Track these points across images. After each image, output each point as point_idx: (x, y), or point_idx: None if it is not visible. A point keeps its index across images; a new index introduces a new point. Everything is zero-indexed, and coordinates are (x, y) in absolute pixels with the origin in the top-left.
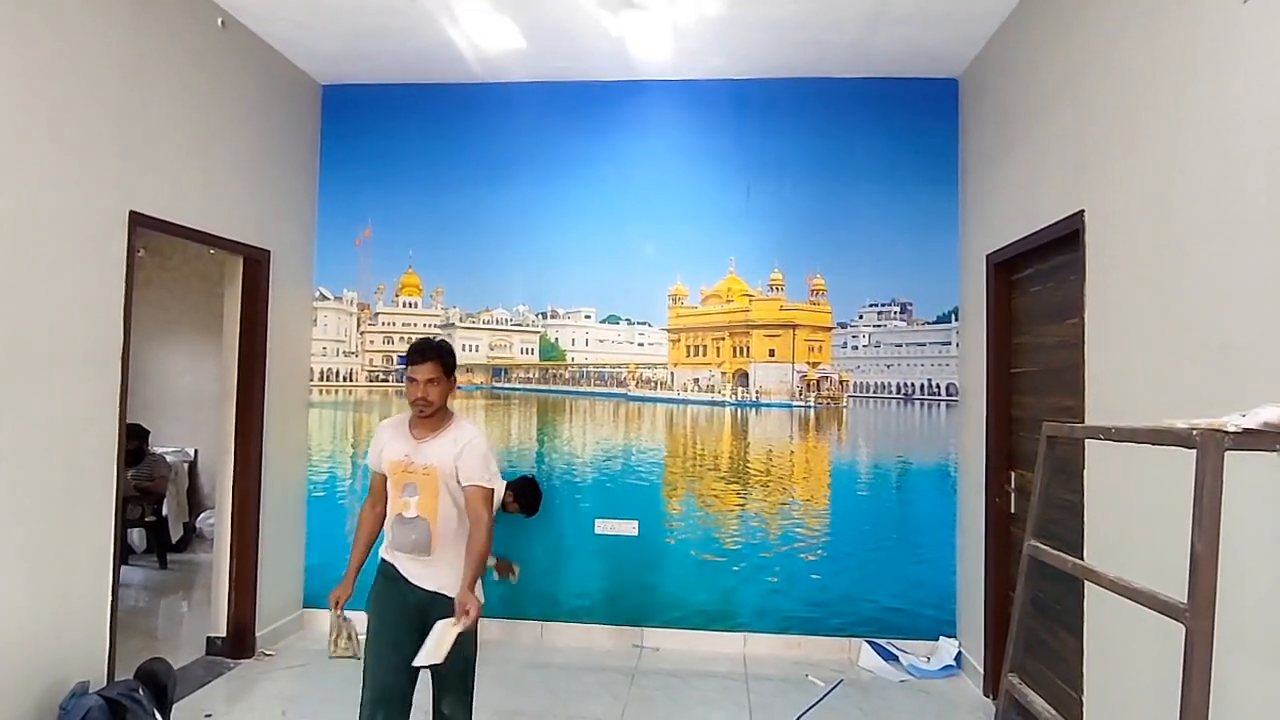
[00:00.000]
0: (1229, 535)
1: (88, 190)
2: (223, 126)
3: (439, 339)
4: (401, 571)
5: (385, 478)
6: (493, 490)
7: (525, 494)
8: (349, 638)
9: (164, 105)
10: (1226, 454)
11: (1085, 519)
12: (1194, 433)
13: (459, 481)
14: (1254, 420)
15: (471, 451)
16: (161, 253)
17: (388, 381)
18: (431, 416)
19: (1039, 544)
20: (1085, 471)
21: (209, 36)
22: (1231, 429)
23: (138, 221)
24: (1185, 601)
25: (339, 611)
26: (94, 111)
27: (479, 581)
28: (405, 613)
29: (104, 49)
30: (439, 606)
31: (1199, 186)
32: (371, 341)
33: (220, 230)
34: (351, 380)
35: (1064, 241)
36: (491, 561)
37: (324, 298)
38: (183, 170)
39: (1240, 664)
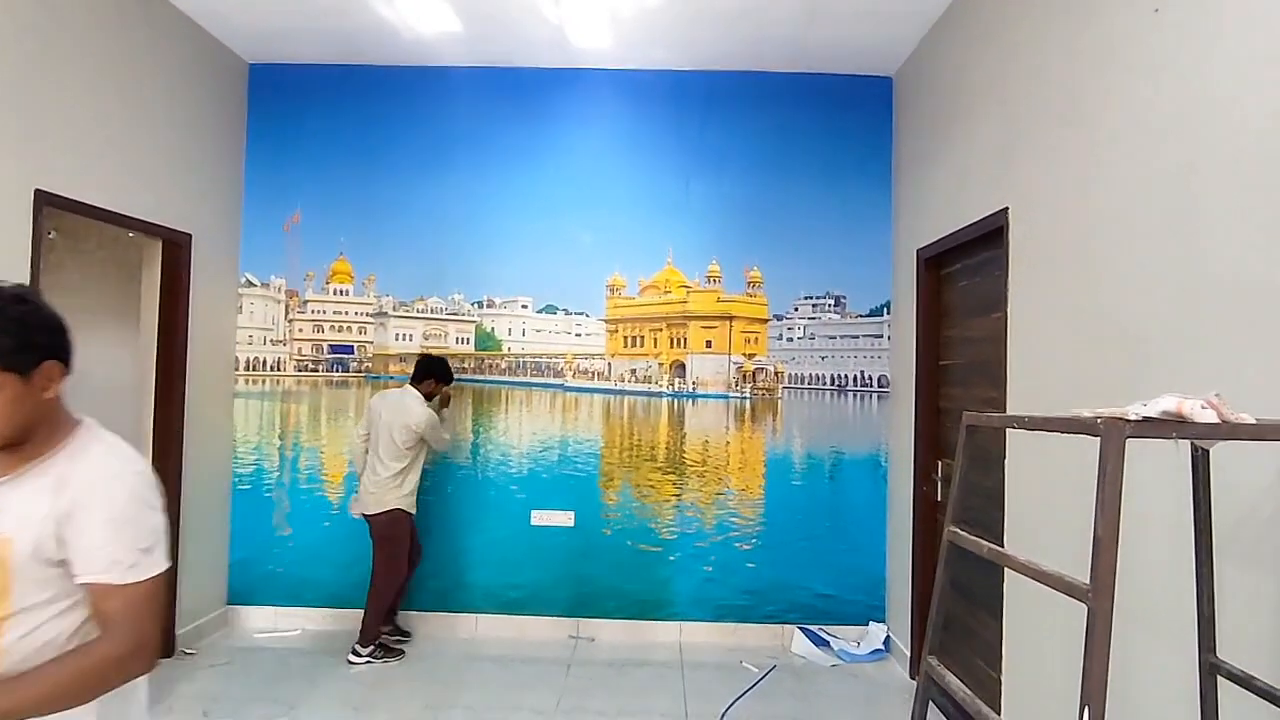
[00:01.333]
0: (1133, 520)
1: None
2: (140, 103)
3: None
4: None
5: None
6: (155, 585)
7: (433, 367)
8: None
9: (75, 79)
10: (1129, 441)
11: (1005, 506)
12: (1098, 421)
13: (72, 570)
14: (1154, 409)
15: (94, 509)
16: (76, 235)
17: (317, 371)
18: (17, 446)
19: (958, 529)
20: (1006, 461)
21: (125, 8)
22: (1132, 417)
23: (45, 201)
24: (1088, 582)
25: None
26: None
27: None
28: None
29: (4, 17)
30: None
31: (1111, 186)
32: (300, 330)
33: (137, 212)
34: (279, 370)
35: (989, 238)
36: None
37: (250, 284)
38: (96, 148)
39: (1140, 641)
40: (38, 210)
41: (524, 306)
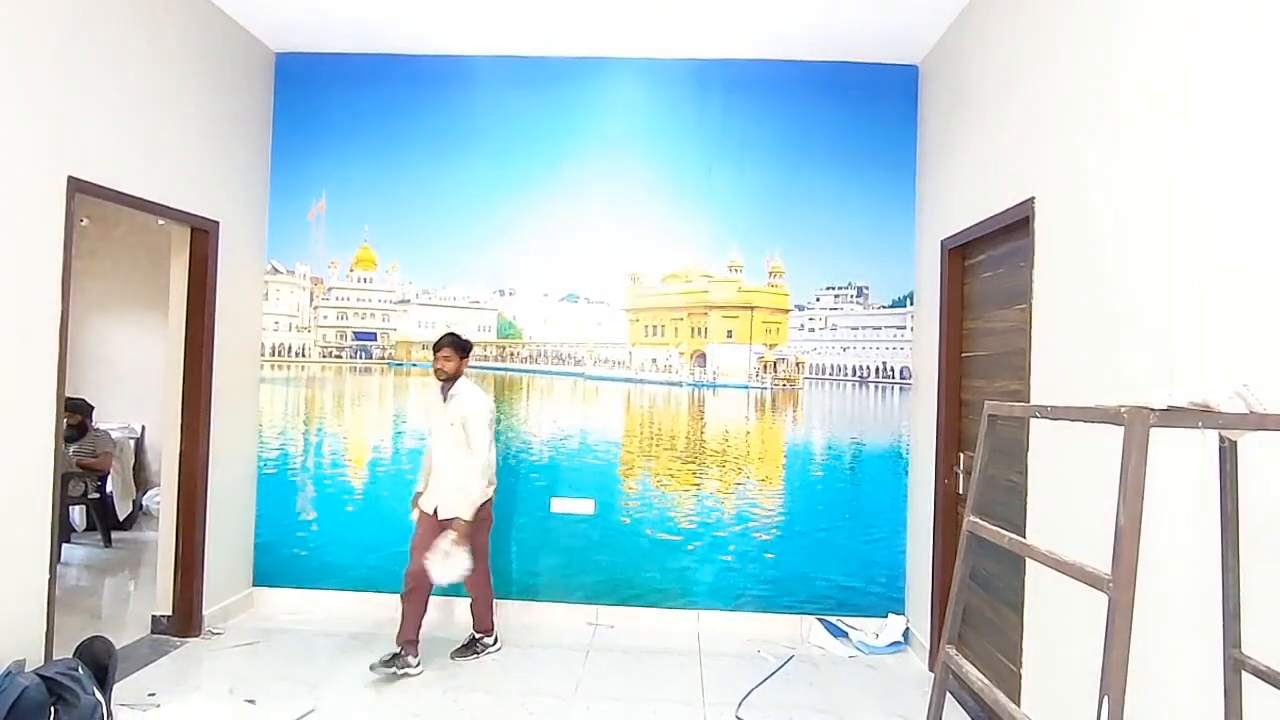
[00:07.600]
0: (1158, 512)
1: (22, 154)
2: (169, 92)
3: None
4: None
5: None
6: None
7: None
8: None
9: (105, 69)
10: (1154, 432)
11: (1028, 498)
12: (1121, 410)
13: None
14: (1179, 399)
15: None
16: (107, 223)
17: (341, 357)
18: None
19: (978, 520)
20: (1029, 453)
21: None
22: (1157, 407)
23: (77, 188)
24: (1109, 573)
25: None
26: (29, 72)
27: None
28: None
29: (39, 6)
30: None
31: (1140, 176)
32: (325, 316)
33: (166, 199)
34: (304, 356)
35: (1015, 228)
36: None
37: (276, 271)
38: (126, 136)
39: (1163, 634)
40: (70, 197)
41: (545, 295)
